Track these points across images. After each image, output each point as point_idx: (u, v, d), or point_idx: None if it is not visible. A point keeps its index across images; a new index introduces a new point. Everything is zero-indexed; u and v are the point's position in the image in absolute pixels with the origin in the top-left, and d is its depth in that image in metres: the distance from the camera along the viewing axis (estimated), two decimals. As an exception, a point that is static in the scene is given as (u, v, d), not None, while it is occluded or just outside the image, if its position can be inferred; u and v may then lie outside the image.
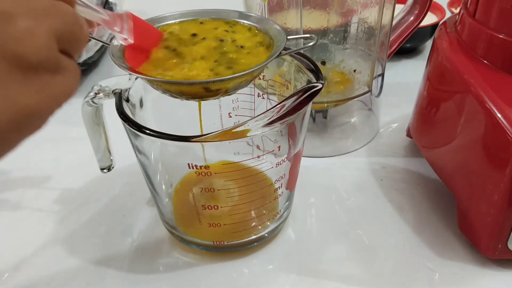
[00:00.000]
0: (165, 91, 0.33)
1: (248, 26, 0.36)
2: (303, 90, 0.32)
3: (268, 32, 0.35)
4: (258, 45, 0.34)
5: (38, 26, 0.21)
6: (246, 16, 0.36)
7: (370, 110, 0.55)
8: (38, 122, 0.22)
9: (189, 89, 0.31)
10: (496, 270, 0.38)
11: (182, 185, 0.42)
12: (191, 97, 0.33)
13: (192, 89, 0.31)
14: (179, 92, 0.32)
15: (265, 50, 0.34)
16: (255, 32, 0.35)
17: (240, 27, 0.36)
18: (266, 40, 0.34)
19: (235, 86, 0.33)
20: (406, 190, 0.46)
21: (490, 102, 0.34)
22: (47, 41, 0.21)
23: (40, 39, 0.21)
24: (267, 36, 0.35)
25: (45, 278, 0.39)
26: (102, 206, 0.46)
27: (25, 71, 0.21)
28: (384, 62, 0.51)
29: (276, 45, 0.33)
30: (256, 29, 0.35)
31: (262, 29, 0.35)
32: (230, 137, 0.31)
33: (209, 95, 0.32)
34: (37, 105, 0.21)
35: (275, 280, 0.38)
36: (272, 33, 0.35)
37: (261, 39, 0.35)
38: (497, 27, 0.36)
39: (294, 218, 0.44)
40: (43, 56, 0.21)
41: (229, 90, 0.33)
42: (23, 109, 0.21)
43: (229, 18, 0.36)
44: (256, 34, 0.35)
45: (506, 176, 0.33)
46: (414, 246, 0.40)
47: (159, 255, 0.41)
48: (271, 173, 0.37)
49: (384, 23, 0.47)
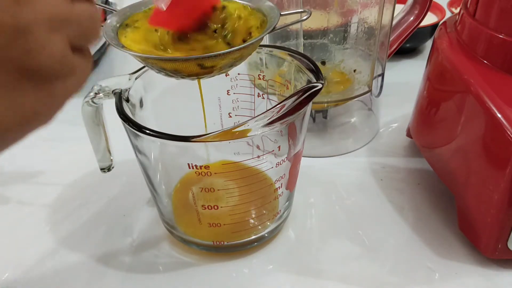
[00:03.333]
0: (160, 70, 0.32)
1: (243, 5, 0.35)
2: (303, 90, 0.32)
3: (260, 9, 0.35)
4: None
5: (54, 37, 0.20)
6: None
7: (370, 110, 0.55)
8: (45, 120, 0.22)
9: (183, 66, 0.31)
10: (496, 270, 0.38)
11: (182, 185, 0.42)
12: (186, 75, 0.32)
13: (187, 66, 0.31)
14: (174, 70, 0.32)
15: (260, 27, 0.34)
16: (248, 10, 0.35)
17: (234, 5, 0.36)
18: (259, 18, 0.34)
19: (231, 63, 0.32)
20: (406, 190, 0.46)
21: (490, 102, 0.34)
22: (62, 51, 0.21)
23: (55, 50, 0.20)
24: (260, 14, 0.35)
25: (45, 278, 0.39)
26: (102, 206, 0.46)
27: (37, 81, 0.20)
28: (384, 62, 0.51)
29: (270, 21, 0.33)
30: (249, 7, 0.35)
31: (255, 8, 0.35)
32: (230, 137, 0.31)
33: (204, 72, 0.32)
34: (46, 107, 0.21)
35: (275, 280, 0.38)
36: (265, 10, 0.35)
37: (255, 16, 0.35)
38: (497, 27, 0.36)
39: (294, 218, 0.43)
40: (57, 67, 0.21)
41: (224, 67, 0.32)
42: (32, 112, 0.20)
43: None
44: (250, 12, 0.35)
45: (506, 176, 0.33)
46: (414, 246, 0.40)
47: (159, 255, 0.41)
48: (271, 173, 0.37)
49: (384, 23, 0.47)
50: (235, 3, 0.35)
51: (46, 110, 0.21)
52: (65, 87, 0.22)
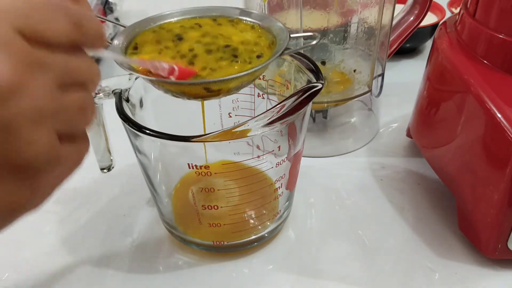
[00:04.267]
0: (167, 91, 0.32)
1: (251, 24, 0.35)
2: (303, 90, 0.32)
3: (270, 30, 0.35)
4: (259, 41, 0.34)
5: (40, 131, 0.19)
6: (248, 13, 0.36)
7: (370, 110, 0.55)
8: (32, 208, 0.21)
9: (190, 89, 0.31)
10: (496, 270, 0.38)
11: (182, 185, 0.42)
12: (192, 97, 0.32)
13: (193, 89, 0.31)
14: (180, 92, 0.32)
15: (268, 48, 0.34)
16: (258, 30, 0.35)
17: (243, 26, 0.36)
18: (268, 38, 0.34)
19: (237, 86, 0.32)
20: (406, 190, 0.46)
21: (490, 102, 0.34)
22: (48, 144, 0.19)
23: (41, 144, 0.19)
24: (269, 34, 0.34)
25: (45, 278, 0.39)
26: (102, 206, 0.46)
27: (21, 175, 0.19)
28: (384, 62, 0.51)
29: (279, 43, 0.33)
30: (259, 26, 0.35)
31: (265, 27, 0.35)
32: (230, 137, 0.31)
33: (211, 95, 0.32)
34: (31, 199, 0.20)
35: (275, 280, 0.38)
36: (274, 31, 0.34)
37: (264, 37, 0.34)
38: (497, 27, 0.36)
39: (294, 218, 0.43)
40: (43, 161, 0.19)
41: (231, 90, 0.32)
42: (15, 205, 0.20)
43: (232, 16, 0.36)
44: (260, 34, 0.35)
45: (506, 176, 0.33)
46: (414, 246, 0.40)
47: (159, 255, 0.41)
48: (271, 173, 0.37)
49: (384, 23, 0.47)
50: (244, 23, 0.35)
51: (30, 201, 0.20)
52: (52, 178, 0.21)
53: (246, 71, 0.30)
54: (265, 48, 0.33)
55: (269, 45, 0.34)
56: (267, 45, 0.34)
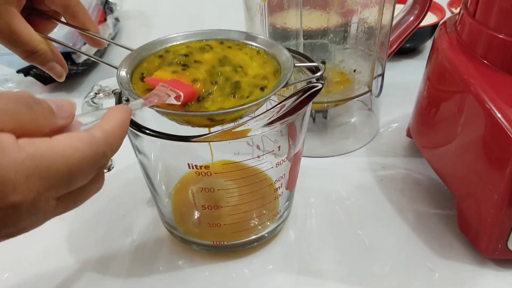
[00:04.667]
0: (172, 120, 0.32)
1: (257, 49, 0.35)
2: (303, 90, 0.32)
3: (275, 56, 0.35)
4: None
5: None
6: (254, 38, 0.36)
7: (370, 110, 0.55)
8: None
9: (194, 120, 0.31)
10: (496, 270, 0.38)
11: (182, 185, 0.42)
12: (197, 126, 0.32)
13: (197, 119, 0.31)
14: (185, 121, 0.32)
15: (273, 76, 0.33)
16: (263, 56, 0.35)
17: (248, 50, 0.35)
18: (273, 65, 0.34)
19: (241, 116, 0.32)
20: (406, 190, 0.46)
21: (490, 102, 0.34)
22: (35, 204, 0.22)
23: (28, 202, 0.22)
24: (274, 61, 0.34)
25: (45, 278, 0.39)
26: (102, 206, 0.46)
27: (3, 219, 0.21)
28: (384, 62, 0.51)
29: (283, 72, 0.33)
30: (264, 52, 0.35)
31: (270, 53, 0.35)
32: (230, 137, 0.31)
33: (215, 124, 0.32)
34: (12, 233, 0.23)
35: (275, 280, 0.38)
36: (279, 58, 0.34)
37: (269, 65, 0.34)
38: (497, 27, 0.36)
39: (294, 218, 0.44)
40: (24, 211, 0.22)
41: (236, 119, 0.32)
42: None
43: (238, 40, 0.36)
44: (265, 60, 0.35)
45: (506, 176, 0.33)
46: (414, 246, 0.41)
47: (159, 255, 0.41)
48: (271, 173, 0.37)
49: (384, 23, 0.47)
50: (249, 48, 0.35)
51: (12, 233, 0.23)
52: (29, 223, 0.24)
53: (249, 104, 0.30)
54: (270, 76, 0.33)
55: (274, 73, 0.34)
56: (272, 73, 0.34)
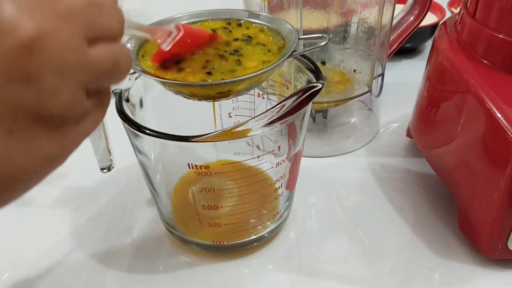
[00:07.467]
0: (178, 93, 0.33)
1: (260, 27, 0.36)
2: (303, 90, 0.32)
3: (280, 31, 0.35)
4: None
5: (64, 84, 0.19)
6: (257, 15, 0.36)
7: (370, 110, 0.55)
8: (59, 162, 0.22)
9: (200, 91, 0.32)
10: (496, 270, 0.38)
11: (182, 185, 0.42)
12: (203, 98, 0.33)
13: (203, 90, 0.31)
14: (191, 93, 0.32)
15: (277, 51, 0.34)
16: (267, 33, 0.35)
17: (252, 28, 0.36)
18: (278, 41, 0.34)
19: (247, 87, 0.33)
20: (406, 190, 0.46)
21: (490, 102, 0.34)
22: (73, 98, 0.20)
23: (66, 97, 0.19)
24: (279, 36, 0.35)
25: (45, 278, 0.39)
26: (102, 206, 0.46)
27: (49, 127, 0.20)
28: (384, 62, 0.51)
29: (288, 45, 0.33)
30: (268, 28, 0.35)
31: (274, 29, 0.35)
32: (230, 137, 0.31)
33: (221, 96, 0.32)
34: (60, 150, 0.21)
35: (275, 280, 0.38)
36: (283, 33, 0.35)
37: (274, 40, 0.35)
38: (497, 27, 0.36)
39: (294, 218, 0.43)
40: (68, 114, 0.20)
41: (241, 91, 0.33)
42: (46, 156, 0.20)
43: (241, 18, 0.36)
44: (269, 36, 0.35)
45: (506, 176, 0.33)
46: (414, 246, 0.40)
47: (159, 255, 0.41)
48: (271, 173, 0.37)
49: (384, 23, 0.47)
50: (254, 25, 0.35)
51: (59, 153, 0.21)
52: (78, 130, 0.21)
53: (255, 72, 0.30)
54: (275, 49, 0.34)
55: (279, 49, 0.34)
56: (276, 48, 0.34)
